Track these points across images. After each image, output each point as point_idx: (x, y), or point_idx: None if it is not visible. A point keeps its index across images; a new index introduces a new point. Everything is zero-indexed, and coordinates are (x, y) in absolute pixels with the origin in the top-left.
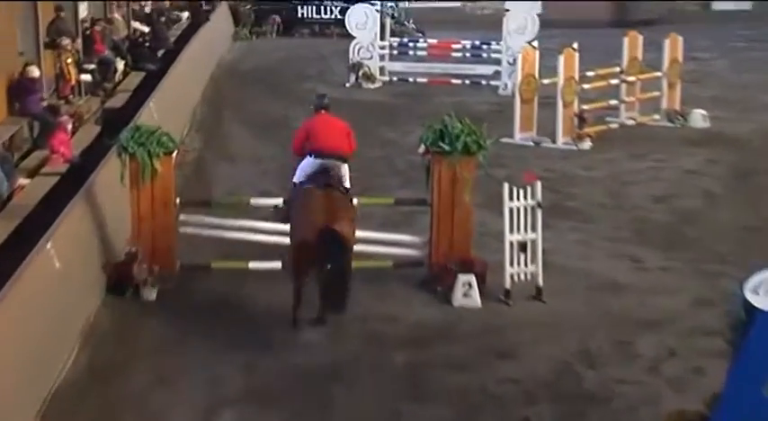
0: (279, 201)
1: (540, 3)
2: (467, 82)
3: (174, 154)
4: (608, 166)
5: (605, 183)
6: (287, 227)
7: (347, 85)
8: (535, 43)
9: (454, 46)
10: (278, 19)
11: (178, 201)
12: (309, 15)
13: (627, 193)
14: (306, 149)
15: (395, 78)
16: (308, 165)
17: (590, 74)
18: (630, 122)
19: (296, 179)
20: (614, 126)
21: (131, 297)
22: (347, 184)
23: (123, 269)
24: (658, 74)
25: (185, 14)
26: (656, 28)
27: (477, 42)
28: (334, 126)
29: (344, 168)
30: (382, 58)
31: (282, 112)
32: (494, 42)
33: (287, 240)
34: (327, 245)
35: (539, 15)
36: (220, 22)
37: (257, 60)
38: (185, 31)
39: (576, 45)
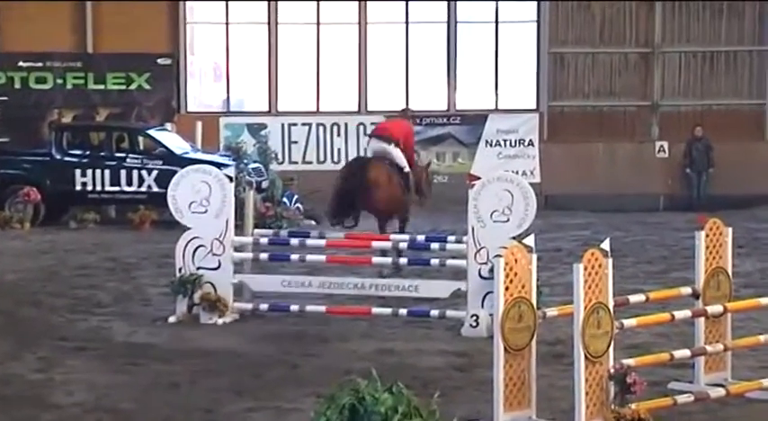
0: None
1: (536, 162)
2: (402, 312)
3: None
4: None
5: None
6: None
7: (172, 319)
8: (530, 239)
9: (377, 244)
10: (36, 194)
11: None
12: (98, 186)
13: None
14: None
15: (264, 306)
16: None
17: (636, 299)
18: (717, 392)
19: None
20: (686, 399)
21: None
22: (405, 166)
23: None
24: (766, 300)
25: None
26: (754, 212)
27: (421, 237)
28: (398, 125)
29: (396, 150)
30: (239, 267)
31: (41, 376)
32: (452, 237)
33: None
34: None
35: (534, 186)
36: None
37: None
38: None
39: (607, 244)
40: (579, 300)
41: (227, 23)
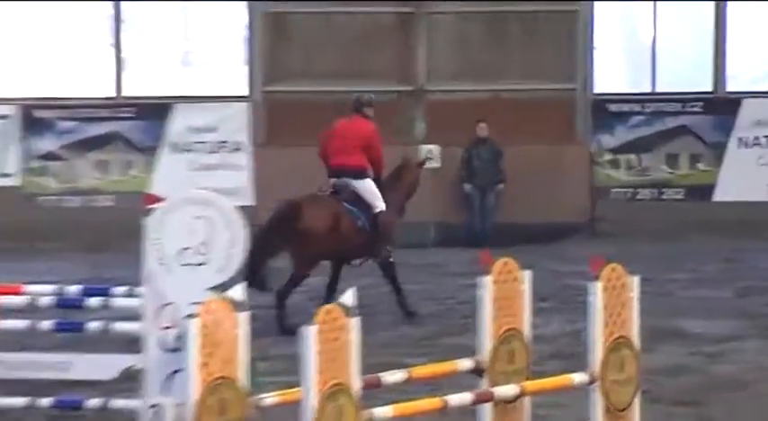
0: None
1: (246, 175)
2: (43, 403)
3: None
4: None
5: None
6: None
7: None
8: (237, 290)
9: (6, 299)
10: None
11: None
12: None
13: None
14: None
15: None
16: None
17: (393, 377)
18: None
19: None
20: None
21: None
22: (377, 204)
23: None
24: (579, 377)
25: None
26: (561, 248)
27: (75, 288)
28: (350, 136)
29: (362, 183)
30: None
31: None
32: (120, 288)
33: None
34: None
35: (244, 210)
36: None
37: None
38: None
39: (351, 296)
40: (310, 381)
41: None
